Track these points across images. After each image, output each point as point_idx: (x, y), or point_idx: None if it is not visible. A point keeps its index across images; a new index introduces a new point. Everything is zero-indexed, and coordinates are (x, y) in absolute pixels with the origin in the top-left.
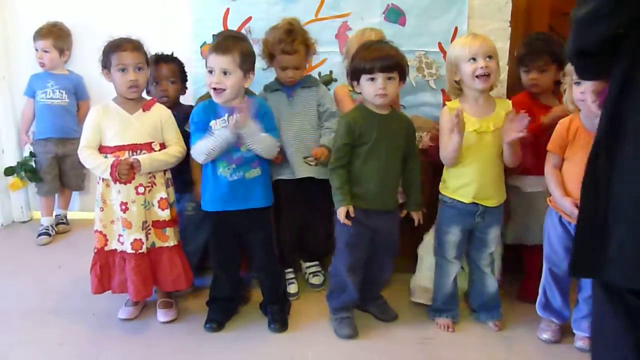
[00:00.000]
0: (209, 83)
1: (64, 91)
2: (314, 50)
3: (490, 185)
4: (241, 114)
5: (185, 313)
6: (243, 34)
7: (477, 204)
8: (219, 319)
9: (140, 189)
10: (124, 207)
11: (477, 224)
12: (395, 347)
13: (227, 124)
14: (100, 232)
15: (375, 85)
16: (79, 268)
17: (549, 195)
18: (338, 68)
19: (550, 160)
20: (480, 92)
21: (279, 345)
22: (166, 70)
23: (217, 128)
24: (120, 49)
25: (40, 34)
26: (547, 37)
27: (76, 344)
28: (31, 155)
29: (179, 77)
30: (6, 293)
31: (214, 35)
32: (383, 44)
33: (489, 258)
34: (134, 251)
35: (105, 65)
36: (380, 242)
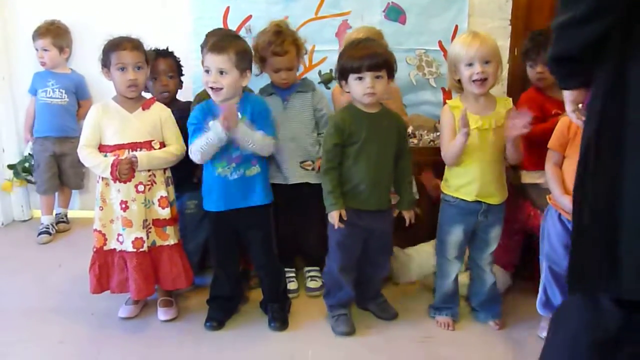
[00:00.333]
0: (206, 82)
1: (63, 90)
2: (304, 50)
3: (493, 183)
4: (225, 113)
5: (186, 312)
6: (234, 31)
7: (480, 202)
8: (219, 318)
9: (140, 187)
10: (124, 206)
11: (480, 222)
12: (395, 346)
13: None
14: (100, 232)
15: (364, 85)
16: (79, 267)
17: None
18: None
19: (551, 157)
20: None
21: (279, 343)
22: (164, 65)
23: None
24: (120, 48)
25: (39, 33)
26: (550, 33)
27: (76, 342)
28: (31, 155)
29: (177, 72)
30: (7, 291)
31: (206, 34)
32: (370, 42)
33: (489, 257)
34: (135, 250)
35: (105, 64)
36: (374, 242)
